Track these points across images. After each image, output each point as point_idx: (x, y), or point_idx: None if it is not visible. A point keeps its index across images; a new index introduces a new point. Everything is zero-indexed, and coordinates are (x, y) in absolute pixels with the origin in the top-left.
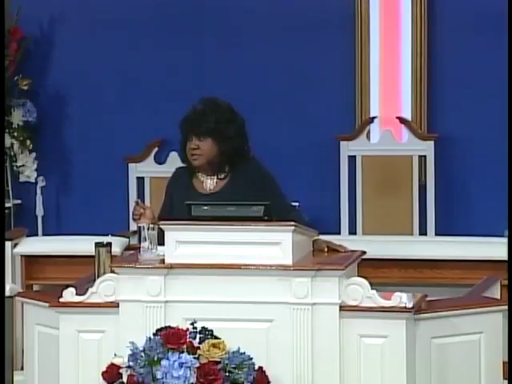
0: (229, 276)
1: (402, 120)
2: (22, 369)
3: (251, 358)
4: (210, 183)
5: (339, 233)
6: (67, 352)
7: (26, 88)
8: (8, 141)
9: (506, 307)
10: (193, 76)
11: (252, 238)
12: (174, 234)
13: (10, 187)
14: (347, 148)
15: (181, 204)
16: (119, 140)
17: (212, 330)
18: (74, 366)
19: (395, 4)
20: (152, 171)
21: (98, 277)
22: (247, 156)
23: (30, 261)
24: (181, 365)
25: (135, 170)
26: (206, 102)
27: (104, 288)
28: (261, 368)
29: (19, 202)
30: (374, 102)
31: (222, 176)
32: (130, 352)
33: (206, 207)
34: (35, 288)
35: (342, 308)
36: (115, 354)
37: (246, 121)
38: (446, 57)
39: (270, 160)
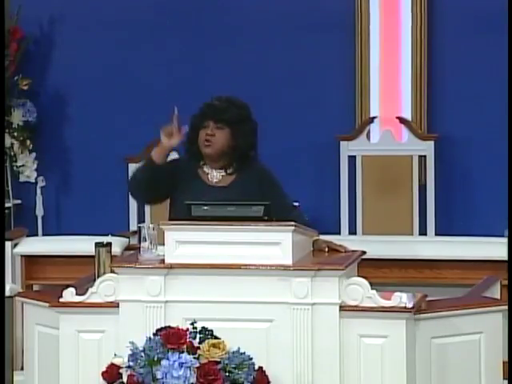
0: (229, 276)
1: (401, 120)
2: (22, 369)
3: (251, 358)
4: (215, 176)
5: (339, 233)
6: (67, 352)
7: (25, 88)
8: (8, 141)
9: (506, 307)
10: (193, 76)
11: (252, 238)
12: (174, 233)
13: (10, 187)
14: (347, 148)
15: (188, 191)
16: (119, 140)
17: (212, 330)
18: (74, 366)
19: (395, 4)
20: None
21: (98, 277)
22: (255, 157)
23: (30, 261)
24: (181, 365)
25: None
26: (228, 97)
27: (104, 288)
28: (261, 368)
29: (19, 202)
30: (374, 102)
31: (230, 171)
32: (130, 352)
33: (206, 207)
34: (35, 288)
35: (342, 308)
36: (115, 354)
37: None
38: (446, 57)
39: (270, 160)
